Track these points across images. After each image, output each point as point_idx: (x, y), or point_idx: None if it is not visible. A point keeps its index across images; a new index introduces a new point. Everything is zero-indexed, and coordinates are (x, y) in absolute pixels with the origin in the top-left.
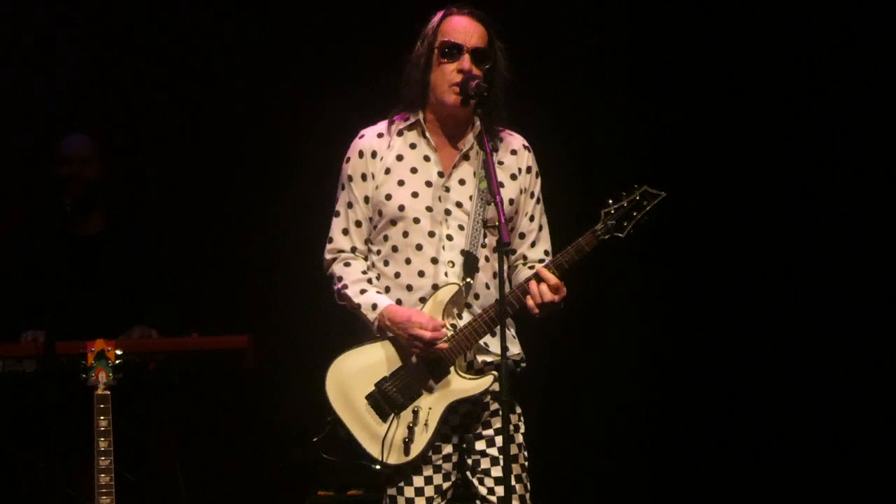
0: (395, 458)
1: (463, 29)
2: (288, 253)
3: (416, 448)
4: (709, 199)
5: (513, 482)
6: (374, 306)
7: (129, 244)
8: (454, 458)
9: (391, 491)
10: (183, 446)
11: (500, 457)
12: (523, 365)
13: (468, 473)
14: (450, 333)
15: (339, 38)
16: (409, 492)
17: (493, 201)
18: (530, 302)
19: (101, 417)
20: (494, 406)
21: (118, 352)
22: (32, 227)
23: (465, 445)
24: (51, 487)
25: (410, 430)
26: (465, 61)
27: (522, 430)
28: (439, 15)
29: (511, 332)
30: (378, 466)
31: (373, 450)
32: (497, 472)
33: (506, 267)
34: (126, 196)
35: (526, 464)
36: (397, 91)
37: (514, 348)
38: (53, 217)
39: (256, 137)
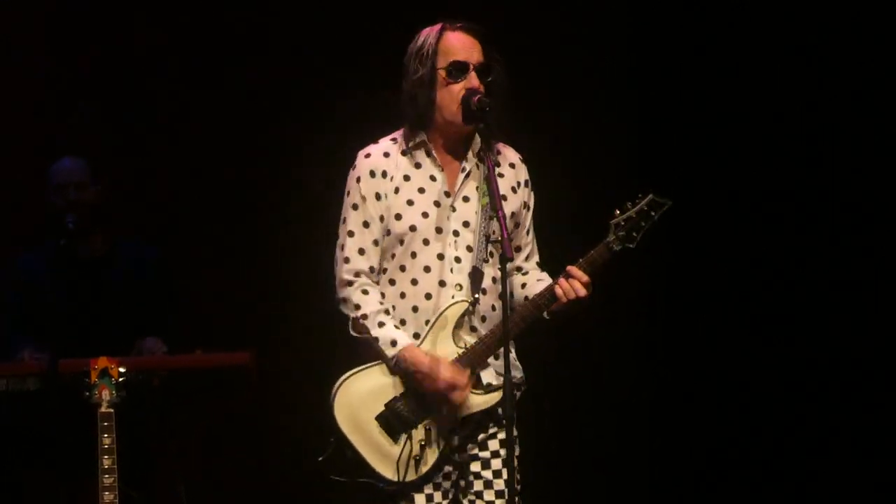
0: (403, 476)
1: (463, 46)
2: (292, 269)
3: (427, 464)
4: (710, 203)
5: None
6: (394, 343)
7: (134, 265)
8: (453, 476)
9: None
10: (186, 463)
11: (494, 480)
12: (523, 388)
13: (460, 495)
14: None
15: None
16: None
17: (496, 216)
18: (561, 295)
19: (105, 435)
20: (493, 429)
21: (121, 369)
22: (34, 249)
23: (460, 465)
24: None
25: (422, 447)
26: (473, 79)
27: (517, 452)
28: (433, 32)
29: (512, 356)
30: (387, 486)
31: (384, 470)
32: (490, 496)
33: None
34: (129, 215)
35: (518, 487)
36: (397, 106)
37: (517, 372)
38: (55, 240)
39: (259, 151)
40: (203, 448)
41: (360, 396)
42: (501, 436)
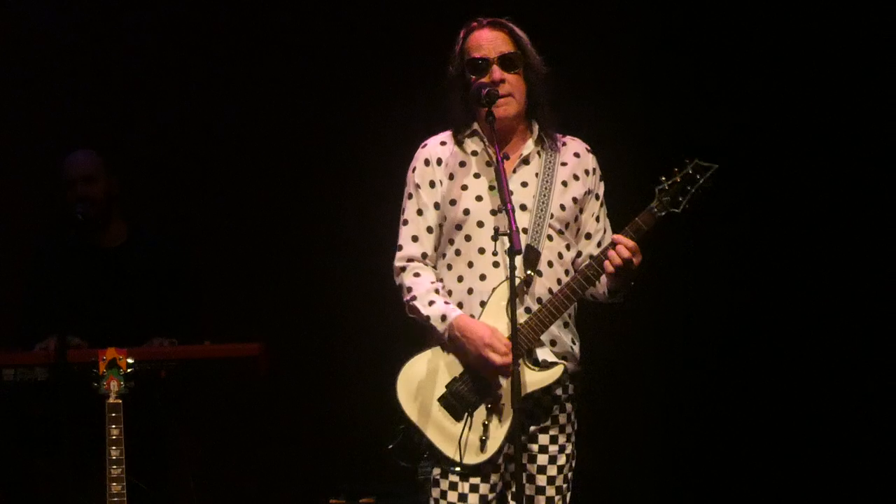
0: (471, 457)
1: (486, 41)
2: (301, 261)
3: (493, 445)
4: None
5: (553, 493)
6: (444, 317)
7: (151, 255)
8: (502, 469)
9: (435, 494)
10: (194, 454)
11: (537, 476)
12: (580, 371)
13: (509, 494)
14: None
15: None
16: (451, 496)
17: (504, 209)
18: (608, 265)
19: (113, 426)
20: (545, 422)
21: (130, 360)
22: (51, 238)
23: (507, 454)
24: (62, 496)
25: (486, 427)
26: (495, 72)
27: (574, 441)
28: (462, 34)
29: (573, 346)
30: (458, 468)
31: (450, 451)
32: (530, 490)
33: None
34: (147, 206)
35: (570, 474)
36: (442, 111)
37: (572, 362)
38: (72, 229)
39: (270, 145)
40: (211, 439)
41: (421, 380)
42: (553, 431)
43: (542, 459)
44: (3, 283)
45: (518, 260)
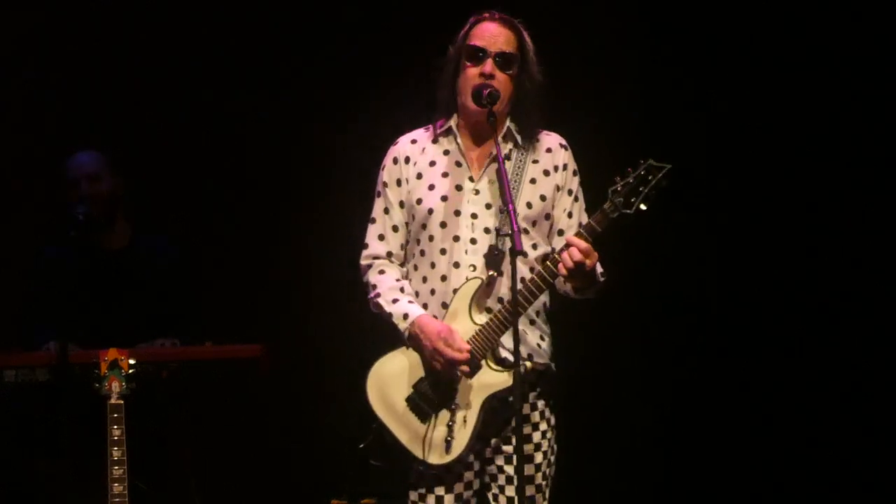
0: (436, 458)
1: (490, 34)
2: (302, 261)
3: (458, 446)
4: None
5: (532, 491)
6: (406, 316)
7: (154, 258)
8: (475, 467)
9: (413, 497)
10: (196, 455)
11: (535, 474)
12: (553, 369)
13: (486, 488)
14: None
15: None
16: (430, 500)
17: (507, 210)
18: (561, 267)
19: (115, 427)
20: (535, 418)
21: (131, 361)
22: (58, 241)
23: (485, 457)
24: (63, 497)
25: (450, 428)
26: (488, 65)
27: (550, 437)
28: (471, 21)
29: (542, 343)
30: (424, 468)
31: (417, 451)
32: (511, 491)
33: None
34: (149, 207)
35: (548, 471)
36: (431, 97)
37: (540, 358)
38: (73, 230)
39: (273, 146)
40: (213, 440)
41: (390, 379)
42: (527, 430)
43: (510, 469)
44: (5, 285)
45: (481, 261)
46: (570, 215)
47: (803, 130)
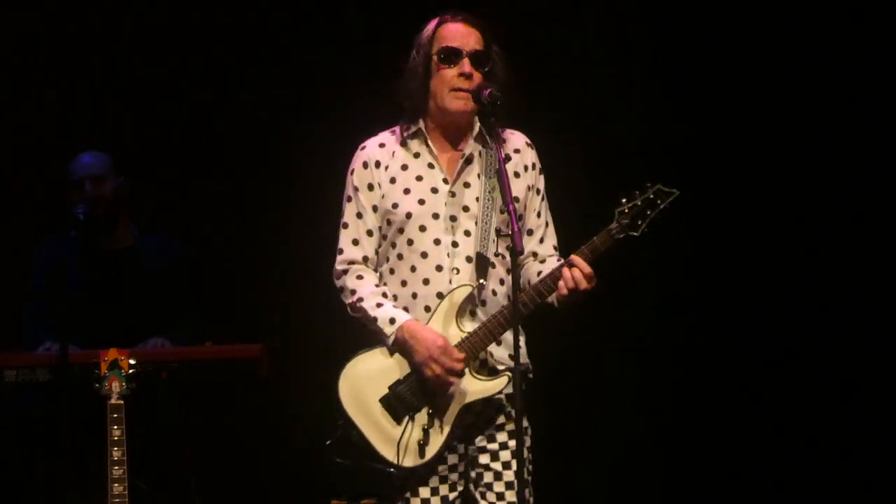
0: (410, 461)
1: (460, 35)
2: (302, 262)
3: (432, 450)
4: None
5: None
6: (393, 321)
7: (157, 259)
8: (460, 468)
9: (399, 502)
10: (196, 455)
11: (504, 472)
12: (530, 375)
13: (471, 486)
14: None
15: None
16: (415, 502)
17: (507, 210)
18: (561, 285)
19: (115, 427)
20: (500, 419)
21: (131, 361)
22: (59, 240)
23: (469, 457)
24: (63, 497)
25: (426, 432)
26: (466, 65)
27: (528, 442)
28: (434, 23)
29: (520, 341)
30: (392, 469)
31: (387, 453)
32: (500, 487)
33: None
34: (150, 208)
35: (529, 478)
36: (397, 101)
37: (522, 358)
38: (74, 229)
39: (269, 146)
40: (213, 440)
41: (365, 378)
42: (510, 427)
43: (496, 465)
44: (6, 285)
45: (468, 267)
46: (538, 215)
47: (802, 130)
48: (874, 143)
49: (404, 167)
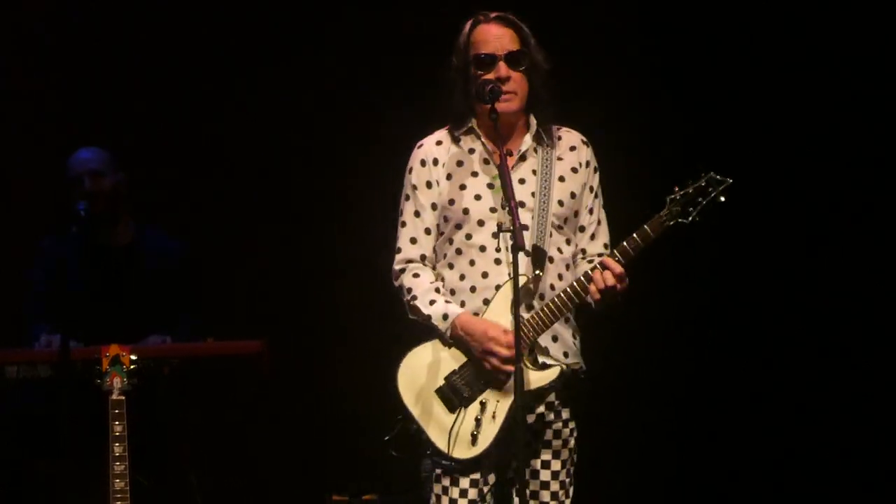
0: (462, 452)
1: (493, 37)
2: (304, 258)
3: (484, 441)
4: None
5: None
6: (445, 316)
7: (157, 255)
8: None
9: (437, 490)
10: (197, 451)
11: (551, 481)
12: (582, 376)
13: (514, 490)
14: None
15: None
16: (454, 492)
17: (508, 205)
18: (592, 288)
19: (116, 422)
20: (557, 425)
21: (133, 357)
22: (59, 237)
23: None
24: (65, 493)
25: (478, 422)
26: (501, 69)
27: (572, 444)
28: (468, 25)
29: (574, 340)
30: (447, 461)
31: (442, 444)
32: (545, 496)
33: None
34: (151, 204)
35: (568, 480)
36: (441, 104)
37: (574, 357)
38: (74, 226)
39: (275, 143)
40: (214, 436)
41: (421, 371)
42: (566, 435)
43: (536, 464)
44: (7, 282)
45: (525, 259)
46: (591, 212)
47: (804, 130)
48: (874, 143)
49: (460, 163)
